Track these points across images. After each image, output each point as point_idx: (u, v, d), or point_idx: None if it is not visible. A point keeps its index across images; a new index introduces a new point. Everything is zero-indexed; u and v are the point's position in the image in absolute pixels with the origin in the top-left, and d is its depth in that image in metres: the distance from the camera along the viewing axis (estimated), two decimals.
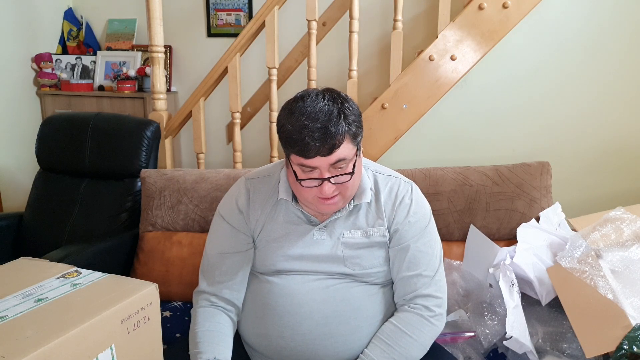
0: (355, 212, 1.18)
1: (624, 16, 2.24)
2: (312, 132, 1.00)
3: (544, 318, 1.45)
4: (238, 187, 1.25)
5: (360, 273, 1.17)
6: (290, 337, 1.14)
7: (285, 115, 1.06)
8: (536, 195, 1.70)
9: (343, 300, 1.15)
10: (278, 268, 1.17)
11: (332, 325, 1.13)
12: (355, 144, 1.08)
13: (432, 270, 1.18)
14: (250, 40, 2.18)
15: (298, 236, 1.18)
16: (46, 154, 2.05)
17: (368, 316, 1.16)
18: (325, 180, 1.05)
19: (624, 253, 1.40)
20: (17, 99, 2.86)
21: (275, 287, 1.17)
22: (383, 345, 1.12)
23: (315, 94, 1.06)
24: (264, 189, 1.22)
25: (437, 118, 2.38)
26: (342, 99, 1.06)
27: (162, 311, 1.55)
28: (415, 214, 1.19)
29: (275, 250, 1.18)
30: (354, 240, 1.17)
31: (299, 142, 1.02)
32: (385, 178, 1.22)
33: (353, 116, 1.06)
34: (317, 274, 1.17)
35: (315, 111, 1.02)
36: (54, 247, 1.78)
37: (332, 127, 1.01)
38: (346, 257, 1.16)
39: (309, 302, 1.14)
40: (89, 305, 0.81)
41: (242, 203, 1.21)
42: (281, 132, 1.07)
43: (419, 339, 1.13)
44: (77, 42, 3.13)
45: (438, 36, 2.08)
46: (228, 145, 3.06)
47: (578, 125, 2.37)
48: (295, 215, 1.19)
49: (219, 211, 1.26)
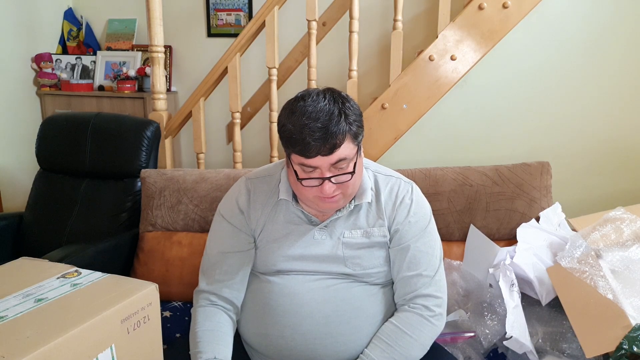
0: (355, 212, 1.18)
1: (623, 16, 2.24)
2: (313, 131, 1.00)
3: (544, 318, 1.45)
4: (238, 186, 1.25)
5: (361, 273, 1.17)
6: (290, 337, 1.14)
7: (286, 115, 1.06)
8: (536, 195, 1.70)
9: (343, 300, 1.15)
10: (279, 268, 1.17)
11: (333, 325, 1.13)
12: (356, 144, 1.08)
13: (432, 270, 1.18)
14: (250, 40, 2.19)
15: (298, 236, 1.18)
16: (46, 154, 2.05)
17: (368, 316, 1.16)
18: (326, 179, 1.05)
19: (624, 253, 1.40)
20: (17, 99, 2.86)
21: (275, 287, 1.17)
22: (383, 345, 1.12)
23: (316, 93, 1.06)
24: (265, 189, 1.22)
25: (437, 118, 2.38)
26: (343, 99, 1.06)
27: (162, 311, 1.55)
28: (416, 214, 1.19)
29: (275, 250, 1.18)
30: (355, 241, 1.17)
31: (300, 141, 1.02)
32: (386, 178, 1.23)
33: (354, 116, 1.06)
34: (318, 274, 1.17)
35: (316, 111, 1.02)
36: (54, 247, 1.78)
37: (333, 126, 1.01)
38: (347, 257, 1.16)
39: (309, 302, 1.14)
40: (89, 305, 0.81)
41: (243, 203, 1.21)
42: (282, 131, 1.06)
43: (419, 339, 1.13)
44: (77, 42, 3.13)
45: (438, 36, 2.08)
46: (228, 145, 3.06)
47: (578, 125, 2.37)
48: (296, 215, 1.19)
49: (220, 211, 1.26)
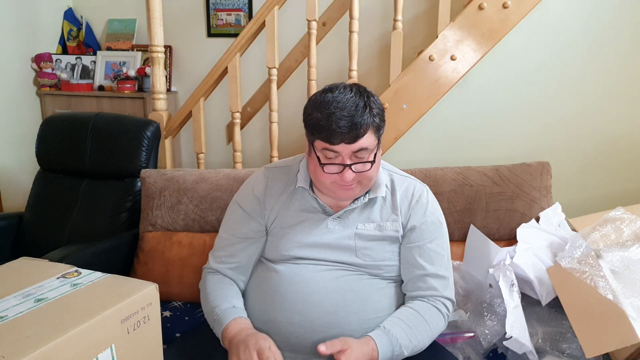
0: (370, 206, 1.22)
1: (624, 16, 2.23)
2: (339, 119, 1.06)
3: (544, 318, 1.45)
4: (257, 175, 1.30)
5: (371, 264, 1.19)
6: (298, 324, 1.15)
7: (314, 105, 1.11)
8: (536, 195, 1.70)
9: (352, 291, 1.17)
10: (291, 254, 1.20)
11: (341, 314, 1.15)
12: (378, 136, 1.14)
13: (447, 271, 1.24)
14: (250, 40, 2.18)
15: (312, 224, 1.21)
16: (46, 154, 2.05)
17: (376, 309, 1.18)
18: (346, 166, 1.10)
19: (624, 253, 1.40)
20: (17, 99, 2.86)
21: (285, 275, 1.19)
22: (403, 325, 1.14)
23: (343, 87, 1.12)
24: (283, 178, 1.27)
25: (437, 118, 2.38)
26: (368, 94, 1.12)
27: (162, 311, 1.55)
28: (432, 214, 1.24)
29: (290, 237, 1.21)
30: (367, 232, 1.20)
31: (326, 128, 1.07)
32: (402, 178, 1.28)
33: (377, 109, 1.12)
34: (329, 264, 1.19)
35: (343, 101, 1.08)
36: (54, 247, 1.78)
37: (358, 117, 1.07)
38: (358, 248, 1.19)
39: (319, 291, 1.16)
40: (89, 305, 0.81)
41: (259, 190, 1.26)
42: (308, 119, 1.12)
43: (434, 331, 1.18)
44: (77, 42, 3.13)
45: (438, 36, 2.08)
46: (228, 145, 3.06)
47: (578, 125, 2.37)
48: (311, 204, 1.22)
49: (235, 198, 1.31)
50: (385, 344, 1.10)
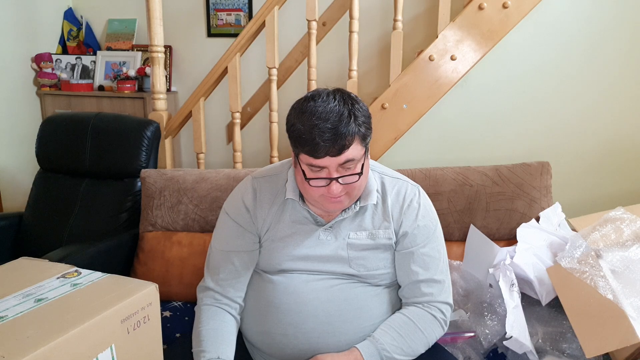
0: (361, 214, 1.19)
1: (624, 17, 2.23)
2: (322, 132, 1.00)
3: (544, 318, 1.45)
4: (244, 185, 1.25)
5: (365, 274, 1.17)
6: (293, 335, 1.14)
7: (296, 115, 1.06)
8: (536, 195, 1.70)
9: (346, 300, 1.15)
10: (283, 267, 1.18)
11: (335, 324, 1.14)
12: (364, 145, 1.08)
13: (443, 274, 1.20)
14: (250, 40, 2.18)
15: (304, 236, 1.18)
16: (46, 154, 2.05)
17: (371, 316, 1.16)
18: (333, 180, 1.05)
19: (624, 253, 1.40)
20: (17, 99, 2.86)
21: (279, 286, 1.17)
22: (394, 333, 1.13)
23: (327, 94, 1.06)
24: (271, 188, 1.22)
25: (437, 118, 2.38)
26: (352, 100, 1.06)
27: (162, 311, 1.55)
28: (424, 218, 1.20)
29: (281, 249, 1.18)
30: (360, 242, 1.17)
31: (310, 141, 1.02)
32: (393, 181, 1.23)
33: (363, 117, 1.06)
34: (322, 274, 1.17)
35: (326, 111, 1.02)
36: (54, 247, 1.78)
37: (342, 127, 1.01)
38: (351, 258, 1.16)
39: (312, 301, 1.14)
40: (89, 305, 0.81)
41: (249, 201, 1.21)
42: (291, 131, 1.06)
43: (429, 337, 1.16)
44: (77, 42, 3.13)
45: (438, 36, 2.08)
46: (228, 145, 3.06)
47: (578, 125, 2.37)
48: (302, 215, 1.19)
49: (225, 209, 1.25)
50: (372, 353, 1.09)
